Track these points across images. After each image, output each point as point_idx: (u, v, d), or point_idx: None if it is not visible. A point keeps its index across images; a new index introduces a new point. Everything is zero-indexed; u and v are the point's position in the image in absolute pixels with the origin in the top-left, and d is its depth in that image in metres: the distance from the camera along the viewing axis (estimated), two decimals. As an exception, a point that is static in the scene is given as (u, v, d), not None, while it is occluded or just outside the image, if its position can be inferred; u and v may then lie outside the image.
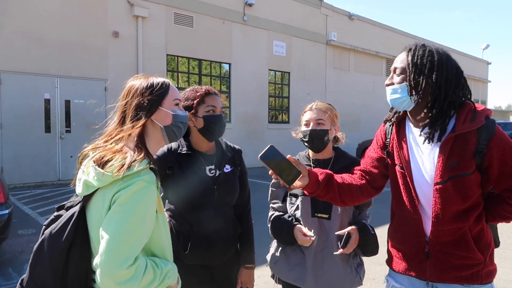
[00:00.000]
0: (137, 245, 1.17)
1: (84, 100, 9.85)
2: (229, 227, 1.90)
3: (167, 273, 1.27)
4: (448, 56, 1.49)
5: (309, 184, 1.55)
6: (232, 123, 12.99)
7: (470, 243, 1.46)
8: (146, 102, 1.34)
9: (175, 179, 1.81)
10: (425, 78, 1.44)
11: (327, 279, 1.85)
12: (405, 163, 1.54)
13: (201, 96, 1.86)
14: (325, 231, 1.86)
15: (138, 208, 1.17)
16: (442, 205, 1.44)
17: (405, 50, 1.53)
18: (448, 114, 1.45)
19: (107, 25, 10.22)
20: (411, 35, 21.59)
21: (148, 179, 1.21)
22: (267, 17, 13.92)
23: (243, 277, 1.98)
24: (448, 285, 1.51)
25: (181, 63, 12.15)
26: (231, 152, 1.98)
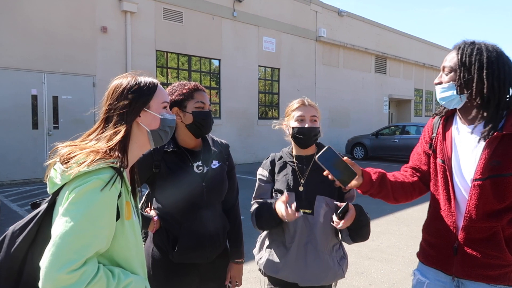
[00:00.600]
0: (84, 249, 1.05)
1: (72, 96, 9.75)
2: (218, 223, 1.89)
3: (127, 285, 1.15)
4: (500, 53, 1.46)
5: (363, 183, 1.59)
6: (222, 119, 12.97)
7: (501, 242, 1.44)
8: (132, 104, 1.25)
9: (162, 177, 1.79)
10: (474, 76, 1.43)
11: (311, 272, 1.87)
12: (447, 158, 1.54)
13: (190, 92, 1.84)
14: (308, 226, 1.89)
15: (90, 208, 1.07)
16: (477, 201, 1.44)
17: (454, 49, 1.52)
18: (504, 111, 1.44)
19: (95, 20, 10.09)
20: (400, 32, 21.74)
21: (106, 178, 1.11)
22: (257, 13, 13.89)
23: (232, 272, 1.98)
24: (473, 283, 1.50)
25: (171, 59, 12.07)
26: (218, 147, 1.96)
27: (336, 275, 1.93)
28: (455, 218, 1.53)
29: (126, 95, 1.26)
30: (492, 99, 1.43)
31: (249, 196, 2.70)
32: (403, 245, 5.01)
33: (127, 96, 1.26)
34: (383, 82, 20.61)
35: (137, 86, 1.28)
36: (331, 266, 1.90)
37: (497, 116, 1.44)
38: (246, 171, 11.46)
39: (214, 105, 13.00)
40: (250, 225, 5.73)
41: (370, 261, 4.47)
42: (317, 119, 1.97)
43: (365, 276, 4.06)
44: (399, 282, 3.86)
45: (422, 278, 1.68)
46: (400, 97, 22.10)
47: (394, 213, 6.65)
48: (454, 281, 1.57)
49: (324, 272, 1.89)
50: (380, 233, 5.53)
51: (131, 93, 1.26)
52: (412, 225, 5.91)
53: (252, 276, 3.95)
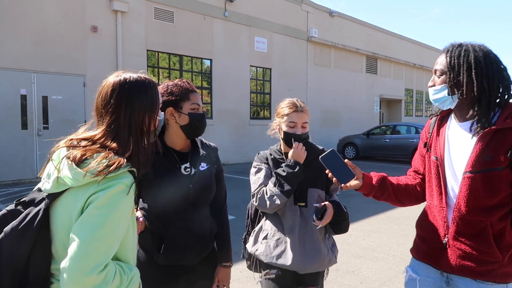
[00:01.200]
0: (110, 251, 1.12)
1: (62, 96, 9.66)
2: (205, 226, 1.88)
3: (132, 278, 1.23)
4: (486, 52, 1.50)
5: (363, 186, 1.69)
6: (214, 119, 12.95)
7: (489, 238, 1.46)
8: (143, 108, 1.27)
9: (149, 178, 1.75)
10: (464, 77, 1.48)
11: (309, 261, 2.00)
12: (440, 154, 1.60)
13: (186, 93, 1.83)
14: (304, 218, 2.02)
15: (115, 212, 1.11)
16: (467, 194, 1.48)
17: (444, 52, 1.57)
18: (495, 108, 1.49)
19: (85, 19, 10.01)
20: (390, 32, 21.92)
21: (127, 182, 1.15)
22: (248, 13, 13.90)
23: (220, 276, 1.96)
24: (461, 278, 1.54)
25: (162, 59, 12.02)
26: (206, 149, 1.94)
27: (330, 261, 2.08)
28: (446, 213, 1.57)
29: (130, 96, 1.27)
30: (483, 97, 1.48)
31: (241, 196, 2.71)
32: (394, 243, 5.06)
33: (132, 97, 1.27)
34: (374, 82, 20.75)
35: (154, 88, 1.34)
36: (326, 254, 2.05)
37: (488, 113, 1.48)
38: (237, 171, 11.46)
39: (205, 105, 12.97)
40: (242, 225, 5.72)
41: (361, 260, 4.50)
42: (307, 124, 2.06)
43: (356, 274, 4.09)
44: (390, 281, 3.90)
45: (414, 275, 1.72)
46: (390, 97, 22.28)
47: (385, 212, 6.71)
48: (444, 277, 1.60)
49: (320, 260, 2.02)
50: (371, 232, 5.58)
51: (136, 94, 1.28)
52: (402, 224, 5.97)
53: (244, 276, 3.96)
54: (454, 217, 1.53)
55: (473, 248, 1.50)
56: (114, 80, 1.28)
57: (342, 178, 1.65)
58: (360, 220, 6.19)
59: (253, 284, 3.78)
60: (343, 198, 2.18)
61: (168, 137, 1.86)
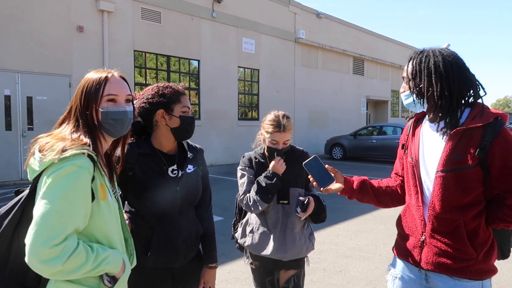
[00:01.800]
0: (63, 227, 1.18)
1: (47, 96, 9.52)
2: (191, 227, 1.88)
3: (105, 258, 1.28)
4: (446, 56, 1.56)
5: (344, 190, 1.81)
6: (202, 120, 12.93)
7: (463, 236, 1.51)
8: (84, 99, 1.39)
9: (136, 180, 1.75)
10: (425, 82, 1.56)
11: (291, 250, 2.28)
12: (415, 155, 1.66)
13: (177, 95, 1.83)
14: (285, 214, 2.28)
15: (66, 191, 1.20)
16: (440, 193, 1.53)
17: (408, 60, 1.66)
18: (458, 109, 1.54)
19: (71, 19, 9.89)
20: (377, 34, 22.17)
21: (80, 163, 1.24)
22: (236, 14, 13.91)
23: (206, 277, 1.97)
24: (438, 275, 1.58)
25: (149, 59, 11.95)
26: (193, 152, 1.95)
27: (308, 249, 2.37)
28: (422, 212, 1.62)
29: (81, 91, 1.41)
30: (444, 99, 1.54)
31: (229, 197, 2.73)
32: (380, 243, 5.13)
33: (82, 92, 1.40)
34: (360, 84, 20.97)
35: (86, 81, 1.42)
36: (304, 242, 2.33)
37: (453, 114, 1.54)
38: (226, 172, 11.45)
39: (193, 106, 12.93)
40: (229, 226, 5.75)
41: (348, 260, 4.55)
42: (289, 141, 2.29)
43: (343, 274, 4.13)
44: (376, 280, 3.95)
45: (395, 273, 1.77)
46: (377, 98, 22.53)
47: (371, 212, 6.78)
48: (422, 273, 1.65)
49: (299, 248, 2.31)
50: (358, 232, 5.64)
51: (84, 89, 1.41)
52: (388, 224, 6.04)
53: (232, 277, 3.97)
54: (430, 216, 1.58)
55: (448, 246, 1.55)
56: (86, 76, 1.45)
57: (322, 183, 1.77)
58: (347, 220, 6.25)
59: (241, 285, 3.79)
60: (331, 199, 2.32)
61: (156, 139, 1.86)
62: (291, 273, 2.37)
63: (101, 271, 1.28)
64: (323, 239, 5.27)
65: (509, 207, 1.47)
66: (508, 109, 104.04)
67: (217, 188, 8.47)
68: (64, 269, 1.17)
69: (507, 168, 1.45)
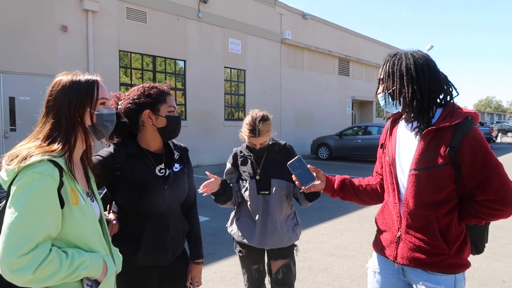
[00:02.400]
0: (30, 236, 1.17)
1: (30, 97, 9.37)
2: (179, 225, 1.92)
3: (81, 263, 1.26)
4: (417, 58, 1.62)
5: (325, 188, 1.90)
6: (188, 120, 12.89)
7: (435, 232, 1.58)
8: (71, 101, 1.37)
9: (124, 180, 1.77)
10: (398, 84, 1.63)
11: (271, 238, 2.40)
12: (391, 154, 1.72)
13: (163, 95, 1.85)
14: (266, 204, 2.42)
15: (29, 199, 1.18)
16: (413, 190, 1.60)
17: (382, 63, 1.72)
18: (430, 109, 1.60)
19: (54, 18, 9.76)
20: (362, 35, 22.43)
21: (42, 170, 1.22)
22: (222, 15, 13.91)
23: (193, 273, 2.01)
24: (413, 269, 1.65)
25: (135, 59, 11.87)
26: (179, 151, 1.99)
27: (290, 238, 2.46)
28: (398, 208, 1.69)
29: (66, 93, 1.38)
30: (415, 100, 1.61)
31: (215, 197, 2.78)
32: (365, 241, 5.21)
33: (68, 93, 1.37)
34: (346, 84, 21.18)
35: (75, 84, 1.39)
36: (286, 232, 2.44)
37: (425, 114, 1.61)
38: (212, 172, 11.40)
39: (179, 106, 12.89)
40: (216, 226, 5.73)
41: (333, 258, 4.62)
42: (267, 141, 2.41)
43: (328, 272, 4.19)
44: (361, 277, 4.02)
45: (374, 268, 1.84)
46: (362, 98, 22.79)
47: (356, 211, 6.88)
48: (398, 268, 1.72)
49: (281, 237, 2.42)
50: (343, 231, 5.72)
51: (71, 91, 1.38)
52: (373, 222, 6.10)
53: (218, 276, 3.99)
54: (404, 212, 1.65)
55: (422, 241, 1.61)
56: (56, 79, 1.43)
57: (304, 182, 1.85)
58: (333, 219, 6.33)
59: (227, 285, 3.82)
60: (319, 198, 2.40)
61: (142, 138, 1.88)
62: (280, 264, 2.47)
63: (79, 276, 1.27)
64: (309, 238, 5.33)
65: (480, 204, 1.53)
66: (490, 109, 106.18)
67: (203, 189, 8.41)
68: (36, 277, 1.16)
69: (476, 166, 1.51)
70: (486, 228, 1.70)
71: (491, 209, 1.51)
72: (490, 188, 1.50)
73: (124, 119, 1.83)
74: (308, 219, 6.14)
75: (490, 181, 1.50)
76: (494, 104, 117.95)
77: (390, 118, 1.83)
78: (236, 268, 4.02)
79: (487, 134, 22.91)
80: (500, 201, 1.50)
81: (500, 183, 1.50)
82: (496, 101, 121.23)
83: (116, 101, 1.87)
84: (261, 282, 2.57)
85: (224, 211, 5.72)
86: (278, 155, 2.45)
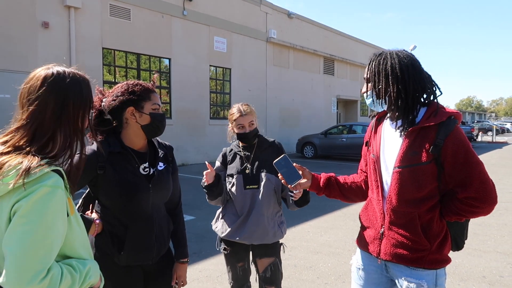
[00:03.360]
0: (48, 257, 1.08)
1: (10, 94, 9.15)
2: (163, 224, 1.90)
3: (87, 273, 1.21)
4: (402, 58, 1.64)
5: (311, 186, 1.93)
6: (173, 119, 12.79)
7: (417, 228, 1.61)
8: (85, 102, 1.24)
9: (108, 179, 1.74)
10: (383, 84, 1.65)
11: (254, 231, 2.40)
12: (376, 151, 1.75)
13: (147, 92, 1.83)
14: (253, 197, 2.43)
15: (45, 217, 1.07)
16: (397, 187, 1.63)
17: (368, 62, 1.74)
18: (414, 108, 1.63)
19: (35, 15, 9.56)
20: (346, 35, 22.61)
21: (52, 183, 1.09)
22: (207, 13, 13.84)
23: (178, 272, 2.00)
24: (395, 265, 1.68)
25: (119, 57, 11.71)
26: (163, 149, 1.96)
27: (275, 235, 2.46)
28: (382, 205, 1.71)
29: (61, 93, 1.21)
30: (401, 99, 1.63)
31: (201, 197, 2.76)
32: (350, 239, 5.26)
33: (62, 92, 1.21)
34: (331, 83, 21.34)
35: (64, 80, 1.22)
36: (270, 228, 2.43)
37: (409, 113, 1.63)
38: (198, 172, 11.35)
39: (164, 104, 12.78)
40: (202, 225, 5.70)
41: (318, 256, 4.65)
42: (254, 122, 2.49)
43: (313, 270, 4.21)
44: (345, 274, 4.06)
45: (358, 264, 1.87)
46: (347, 97, 23.00)
47: (341, 209, 6.94)
48: (381, 264, 1.75)
49: (266, 232, 2.42)
50: (328, 228, 5.76)
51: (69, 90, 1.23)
52: (357, 220, 6.16)
53: (204, 275, 3.98)
54: (387, 209, 1.68)
55: (404, 237, 1.64)
56: (46, 72, 1.22)
57: (290, 180, 1.86)
58: (318, 217, 6.37)
59: (213, 283, 3.81)
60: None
61: (126, 136, 1.85)
62: (267, 262, 2.48)
63: (87, 286, 1.22)
64: (294, 236, 5.36)
65: (460, 201, 1.57)
66: (471, 109, 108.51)
67: (188, 188, 8.35)
68: None
69: (458, 164, 1.54)
70: (466, 225, 1.74)
71: (472, 207, 1.55)
72: (471, 186, 1.53)
73: (107, 116, 1.81)
74: (294, 217, 6.17)
75: (471, 179, 1.53)
76: (475, 104, 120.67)
77: (375, 117, 1.85)
78: (221, 266, 4.01)
79: (468, 133, 23.37)
80: (480, 198, 1.53)
81: (481, 181, 1.53)
82: (477, 101, 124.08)
83: (100, 98, 1.84)
84: (245, 280, 2.58)
85: (210, 210, 5.71)
86: (267, 151, 2.50)
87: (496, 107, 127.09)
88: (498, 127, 39.80)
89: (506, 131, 46.22)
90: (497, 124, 43.84)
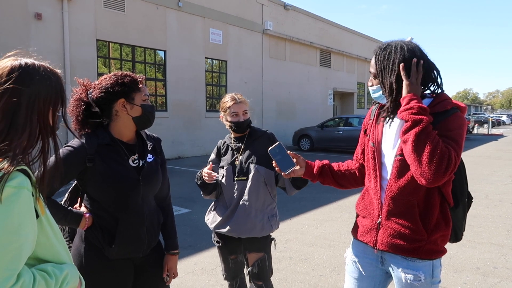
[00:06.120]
0: (15, 262, 0.99)
1: (3, 87, 9.06)
2: (153, 216, 1.90)
3: (65, 279, 1.14)
4: (406, 51, 1.60)
5: (305, 173, 1.92)
6: (169, 111, 12.72)
7: (415, 216, 1.60)
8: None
9: (97, 171, 1.72)
10: (390, 77, 1.63)
11: (243, 225, 2.39)
12: (377, 141, 1.73)
13: (136, 84, 1.81)
14: (242, 189, 2.41)
15: (8, 220, 0.98)
16: (397, 175, 1.62)
17: (373, 55, 1.70)
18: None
19: (27, 6, 9.42)
20: (343, 27, 22.52)
21: (15, 183, 1.01)
22: (202, 4, 13.72)
23: (169, 264, 1.99)
24: (392, 256, 1.68)
25: (113, 49, 11.60)
26: (151, 141, 1.95)
27: (264, 228, 2.42)
28: (380, 195, 1.71)
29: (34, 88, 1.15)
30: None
31: (196, 189, 2.74)
32: (345, 231, 5.27)
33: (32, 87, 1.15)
34: (327, 76, 21.29)
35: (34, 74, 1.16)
36: (258, 221, 2.40)
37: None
38: (193, 164, 11.32)
39: (160, 97, 12.71)
40: (197, 218, 5.70)
41: (313, 248, 4.66)
42: (247, 111, 2.48)
43: (308, 262, 4.22)
44: (340, 266, 4.07)
45: (352, 257, 1.86)
46: (343, 90, 22.97)
47: (337, 201, 6.95)
48: (378, 254, 1.74)
49: (254, 225, 2.39)
50: (323, 221, 5.77)
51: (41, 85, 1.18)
52: (353, 212, 6.20)
53: (199, 268, 3.97)
54: (386, 198, 1.67)
55: (402, 226, 1.63)
56: (13, 63, 1.14)
57: (284, 167, 1.87)
58: (313, 210, 6.38)
59: (207, 276, 3.81)
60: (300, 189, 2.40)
61: (115, 128, 1.83)
62: (255, 257, 2.47)
63: None
64: (290, 228, 5.36)
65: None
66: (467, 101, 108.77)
67: (184, 181, 8.31)
68: None
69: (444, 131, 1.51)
70: (465, 217, 1.74)
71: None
72: None
73: (95, 109, 1.78)
74: (289, 210, 6.17)
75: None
76: (471, 96, 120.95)
77: (377, 104, 1.83)
78: (216, 259, 4.00)
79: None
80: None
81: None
82: (473, 93, 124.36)
83: (84, 90, 1.80)
84: (238, 272, 2.58)
85: (205, 203, 5.69)
86: (259, 142, 2.47)
87: (492, 100, 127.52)
88: (494, 119, 39.96)
89: (502, 123, 46.40)
90: (493, 117, 44.03)
